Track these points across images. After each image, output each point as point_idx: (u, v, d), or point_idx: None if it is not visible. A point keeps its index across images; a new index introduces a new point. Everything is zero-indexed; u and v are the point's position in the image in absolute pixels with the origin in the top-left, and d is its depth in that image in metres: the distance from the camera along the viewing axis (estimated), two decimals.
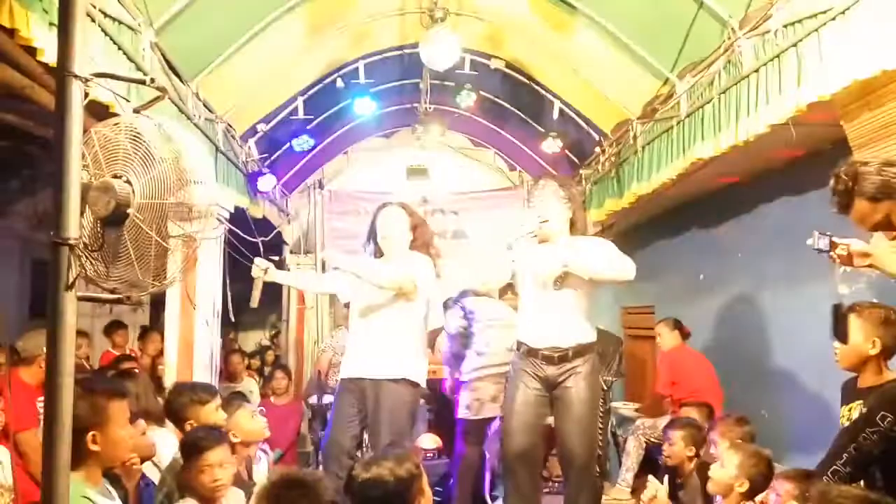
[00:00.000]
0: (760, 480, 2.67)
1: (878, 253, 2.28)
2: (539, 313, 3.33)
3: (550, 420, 3.43)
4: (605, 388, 5.71)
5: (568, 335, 3.30)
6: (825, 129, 3.16)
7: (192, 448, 2.55)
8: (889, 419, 2.25)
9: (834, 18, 2.76)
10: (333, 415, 3.62)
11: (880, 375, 2.41)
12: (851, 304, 2.57)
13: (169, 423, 3.18)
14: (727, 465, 2.75)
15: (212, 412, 3.00)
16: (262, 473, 3.22)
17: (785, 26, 3.14)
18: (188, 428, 2.91)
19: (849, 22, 2.68)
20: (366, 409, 3.48)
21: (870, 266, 2.32)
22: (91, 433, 1.98)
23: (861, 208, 2.18)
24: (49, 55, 2.39)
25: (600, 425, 5.14)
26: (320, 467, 3.84)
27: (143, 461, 2.74)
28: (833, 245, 2.30)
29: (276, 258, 7.69)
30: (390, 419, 3.40)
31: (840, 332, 2.40)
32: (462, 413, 4.48)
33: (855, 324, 2.45)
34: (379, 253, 3.73)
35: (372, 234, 3.76)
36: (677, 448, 3.52)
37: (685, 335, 4.99)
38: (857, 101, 2.92)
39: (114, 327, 6.18)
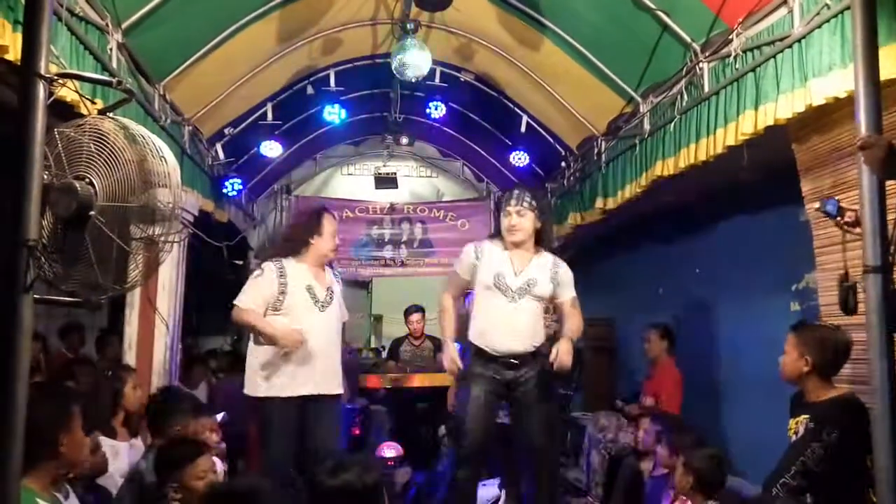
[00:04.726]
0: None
1: None
2: (502, 321, 3.37)
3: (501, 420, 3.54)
4: (565, 400, 5.80)
5: (528, 341, 3.38)
6: (778, 151, 3.27)
7: (188, 454, 2.51)
8: (834, 434, 2.35)
9: (790, 46, 2.88)
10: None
11: (825, 391, 2.49)
12: (799, 321, 2.65)
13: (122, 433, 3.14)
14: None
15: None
16: None
17: (744, 51, 3.26)
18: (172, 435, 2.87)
19: (804, 50, 2.80)
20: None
21: None
22: (60, 435, 1.98)
23: None
24: (13, 54, 2.35)
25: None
26: None
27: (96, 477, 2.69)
28: (842, 210, 2.24)
29: (240, 262, 7.63)
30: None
31: (848, 306, 2.25)
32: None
33: (791, 341, 2.53)
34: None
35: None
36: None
37: (672, 342, 4.85)
38: (809, 125, 3.04)
39: (69, 330, 6.00)
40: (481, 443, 3.39)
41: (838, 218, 2.26)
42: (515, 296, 3.36)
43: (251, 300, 3.39)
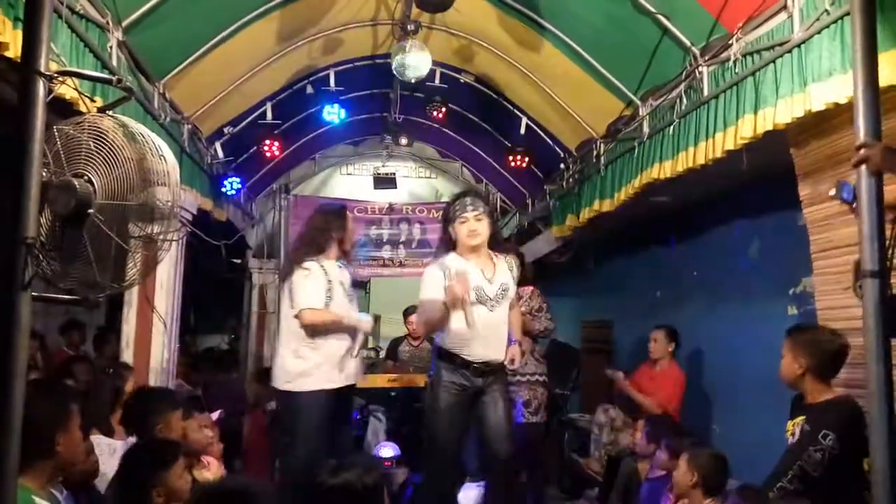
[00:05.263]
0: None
1: None
2: (484, 330, 3.37)
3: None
4: (563, 400, 5.80)
5: (502, 349, 3.42)
6: (777, 156, 3.27)
7: (173, 453, 2.46)
8: (831, 437, 2.36)
9: (790, 51, 2.88)
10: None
11: (821, 393, 2.50)
12: (796, 324, 2.68)
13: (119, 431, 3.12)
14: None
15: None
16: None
17: (744, 56, 3.26)
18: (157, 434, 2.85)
19: (804, 55, 2.80)
20: None
21: None
22: (57, 433, 1.98)
23: None
24: (14, 51, 2.35)
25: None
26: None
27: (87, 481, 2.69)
28: (857, 196, 2.13)
29: (239, 261, 7.63)
30: None
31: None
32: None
33: (786, 345, 2.59)
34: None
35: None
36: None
37: (678, 344, 4.78)
38: (808, 130, 3.04)
39: (70, 327, 6.01)
40: (454, 454, 3.45)
41: (854, 204, 2.21)
42: (494, 303, 3.39)
43: (318, 299, 3.42)
